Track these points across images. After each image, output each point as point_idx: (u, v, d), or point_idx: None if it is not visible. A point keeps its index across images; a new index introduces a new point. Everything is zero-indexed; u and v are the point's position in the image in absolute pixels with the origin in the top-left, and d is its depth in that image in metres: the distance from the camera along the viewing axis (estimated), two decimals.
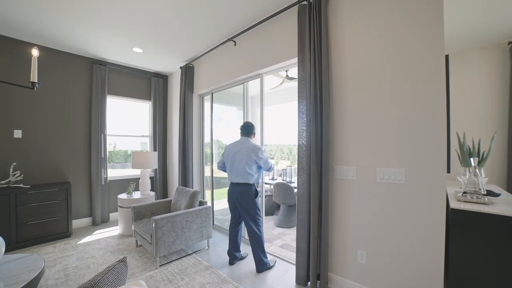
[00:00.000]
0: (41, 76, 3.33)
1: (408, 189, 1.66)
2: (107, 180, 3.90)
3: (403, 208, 1.68)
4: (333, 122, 2.07)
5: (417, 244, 1.61)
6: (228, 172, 2.49)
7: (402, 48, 1.68)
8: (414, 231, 1.63)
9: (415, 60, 1.62)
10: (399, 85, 1.70)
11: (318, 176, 2.05)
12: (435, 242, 1.53)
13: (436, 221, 1.53)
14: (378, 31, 1.79)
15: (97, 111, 3.75)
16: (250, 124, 2.56)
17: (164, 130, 4.65)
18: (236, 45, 3.03)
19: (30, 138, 3.29)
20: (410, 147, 1.65)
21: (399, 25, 1.68)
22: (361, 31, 1.89)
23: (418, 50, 1.60)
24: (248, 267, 2.46)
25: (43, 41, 3.22)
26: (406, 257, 1.66)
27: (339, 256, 2.04)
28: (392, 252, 1.73)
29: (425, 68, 1.57)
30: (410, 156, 1.65)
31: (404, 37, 1.66)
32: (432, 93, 1.55)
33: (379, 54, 1.79)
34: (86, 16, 2.59)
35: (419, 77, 1.60)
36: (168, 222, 2.42)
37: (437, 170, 1.53)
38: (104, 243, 3.02)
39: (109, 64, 3.91)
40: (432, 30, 1.54)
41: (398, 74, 1.70)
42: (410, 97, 1.65)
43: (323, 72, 2.02)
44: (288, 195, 3.76)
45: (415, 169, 1.63)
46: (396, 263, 1.71)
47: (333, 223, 2.08)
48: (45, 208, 3.04)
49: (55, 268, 2.41)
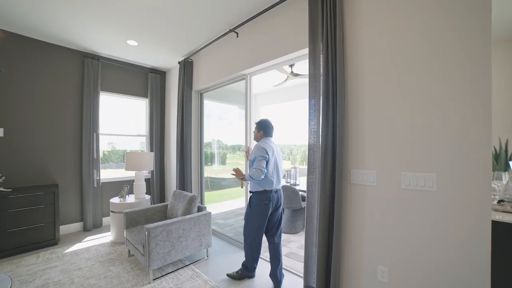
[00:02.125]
0: (26, 70, 3.09)
1: (440, 198, 1.42)
2: (100, 182, 3.65)
3: (435, 219, 1.44)
4: (348, 120, 1.83)
5: (453, 263, 1.37)
6: (271, 177, 2.13)
7: (437, 36, 1.43)
8: (449, 248, 1.38)
9: (456, 50, 1.37)
10: (429, 78, 1.45)
11: (331, 179, 1.81)
12: (476, 261, 1.29)
13: (478, 236, 1.29)
14: (406, 15, 1.55)
15: (89, 108, 3.50)
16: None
17: (161, 129, 4.40)
18: (239, 36, 2.79)
19: (13, 137, 3.02)
20: (444, 149, 1.41)
21: (435, 10, 1.44)
22: (384, 16, 1.65)
23: (459, 39, 1.35)
24: (253, 281, 2.22)
25: (26, 30, 2.95)
26: (440, 277, 1.42)
27: (354, 271, 1.80)
28: (422, 271, 1.49)
29: (468, 61, 1.32)
30: (444, 160, 1.41)
31: (441, 23, 1.42)
32: (475, 88, 1.30)
33: (407, 42, 1.55)
34: (73, 1, 2.34)
35: (460, 69, 1.36)
36: (163, 231, 2.18)
37: (478, 176, 1.29)
38: (94, 252, 2.76)
39: (102, 59, 3.66)
40: (477, 16, 1.29)
41: (430, 64, 1.46)
42: (445, 91, 1.40)
43: (337, 64, 1.78)
44: (293, 199, 3.52)
45: (450, 174, 1.39)
46: (426, 283, 1.47)
47: (347, 233, 1.84)
48: (29, 214, 2.76)
49: (34, 283, 2.12)
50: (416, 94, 1.51)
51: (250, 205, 2.18)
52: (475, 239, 1.30)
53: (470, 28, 1.31)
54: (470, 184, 1.32)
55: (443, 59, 1.40)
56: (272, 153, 2.14)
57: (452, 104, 1.38)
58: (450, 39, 1.38)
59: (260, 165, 2.03)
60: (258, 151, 2.10)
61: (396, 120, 1.60)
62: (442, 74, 1.41)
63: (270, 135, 2.29)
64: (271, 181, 2.12)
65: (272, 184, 2.13)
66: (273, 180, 2.13)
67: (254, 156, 2.11)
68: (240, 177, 2.23)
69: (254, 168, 2.04)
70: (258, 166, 2.03)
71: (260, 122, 2.30)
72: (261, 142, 2.20)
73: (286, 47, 2.29)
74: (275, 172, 2.16)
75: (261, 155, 2.07)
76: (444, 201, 1.41)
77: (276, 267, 2.17)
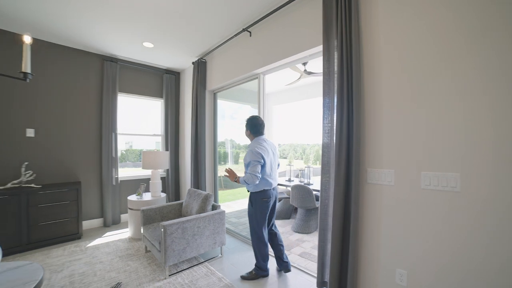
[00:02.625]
0: (52, 74, 3.27)
1: (465, 199, 1.35)
2: (118, 180, 3.79)
3: (460, 222, 1.37)
4: (364, 118, 1.78)
5: (480, 269, 1.30)
6: (269, 177, 2.17)
7: (468, 25, 1.36)
8: (476, 253, 1.31)
9: (487, 41, 1.30)
10: (455, 71, 1.38)
11: (346, 179, 1.77)
12: (509, 269, 1.22)
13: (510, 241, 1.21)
14: (430, 3, 1.48)
15: (108, 109, 3.65)
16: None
17: (176, 129, 4.50)
18: (252, 35, 2.79)
19: (42, 137, 3.22)
20: (469, 146, 1.33)
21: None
22: (403, 7, 1.58)
23: (494, 28, 1.28)
24: (267, 280, 2.22)
25: (55, 38, 3.14)
26: (466, 286, 1.35)
27: (371, 272, 1.75)
28: (445, 275, 1.43)
29: (499, 51, 1.24)
30: (468, 158, 1.33)
31: (473, 11, 1.35)
32: (505, 81, 1.22)
33: (431, 32, 1.48)
34: (95, 8, 2.44)
35: (491, 62, 1.28)
36: (178, 229, 2.23)
37: (508, 176, 1.21)
38: (113, 247, 2.88)
39: (120, 61, 3.80)
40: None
41: (457, 57, 1.39)
42: (473, 85, 1.33)
43: (353, 61, 1.73)
44: (306, 198, 3.48)
45: (475, 174, 1.31)
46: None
47: (364, 234, 1.79)
48: (56, 209, 2.95)
49: (62, 273, 2.28)
50: (440, 89, 1.44)
51: (252, 203, 2.21)
52: (509, 245, 1.22)
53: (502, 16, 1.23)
54: (498, 185, 1.24)
55: (472, 51, 1.33)
56: (267, 156, 2.14)
57: (480, 98, 1.30)
58: (483, 30, 1.30)
59: (254, 170, 2.02)
60: (253, 156, 2.06)
61: (416, 117, 1.53)
62: (470, 67, 1.33)
63: (260, 133, 2.26)
64: (269, 182, 2.15)
65: (270, 184, 2.17)
66: (270, 181, 2.17)
67: (249, 160, 2.07)
68: (234, 180, 2.18)
69: (248, 173, 2.02)
70: (253, 172, 2.01)
71: (247, 121, 2.28)
72: (255, 144, 2.16)
73: (299, 45, 2.27)
74: (272, 172, 2.20)
75: (256, 160, 2.05)
76: (469, 202, 1.34)
77: (281, 253, 2.31)
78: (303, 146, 8.49)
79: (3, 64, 2.85)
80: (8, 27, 2.87)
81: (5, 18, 2.66)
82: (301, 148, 8.59)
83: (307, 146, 8.21)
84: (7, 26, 2.83)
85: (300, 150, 8.62)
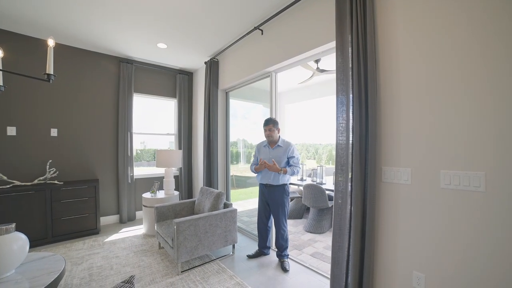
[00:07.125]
0: (72, 76, 3.43)
1: (490, 200, 1.27)
2: (133, 178, 3.91)
3: (484, 224, 1.29)
4: (380, 115, 1.72)
5: (507, 275, 1.22)
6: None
7: (491, 18, 1.28)
8: (504, 259, 1.23)
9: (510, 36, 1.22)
10: (479, 65, 1.30)
11: (362, 178, 1.71)
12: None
13: None
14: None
15: (124, 109, 3.77)
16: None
17: (189, 128, 4.58)
18: (264, 33, 2.78)
19: (64, 136, 3.39)
20: (496, 144, 1.25)
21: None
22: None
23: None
24: (277, 276, 2.20)
25: (77, 42, 3.29)
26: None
27: (386, 274, 1.69)
28: (466, 281, 1.34)
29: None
30: (496, 156, 1.25)
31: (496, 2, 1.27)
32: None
33: (452, 24, 1.41)
34: (113, 11, 2.52)
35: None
36: (191, 226, 2.26)
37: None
38: (129, 243, 2.97)
39: (135, 62, 3.92)
40: None
41: (480, 50, 1.31)
42: (500, 80, 1.25)
43: (368, 56, 1.68)
44: (319, 198, 3.42)
45: (504, 173, 1.23)
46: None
47: (379, 235, 1.73)
48: (76, 205, 3.10)
49: (82, 266, 2.39)
50: (462, 84, 1.36)
51: (286, 193, 2.45)
52: None
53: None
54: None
55: (500, 39, 1.25)
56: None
57: (506, 92, 1.22)
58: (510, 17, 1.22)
59: (298, 164, 2.41)
60: (297, 152, 2.42)
61: (435, 112, 1.46)
62: (495, 61, 1.25)
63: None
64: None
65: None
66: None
67: (295, 155, 2.39)
68: (279, 170, 2.34)
69: (298, 167, 2.38)
70: (299, 165, 2.40)
71: (274, 120, 2.47)
72: (289, 142, 2.46)
73: (311, 42, 2.23)
74: None
75: (298, 156, 2.42)
76: (495, 203, 1.25)
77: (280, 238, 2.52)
78: (316, 146, 8.39)
79: (28, 68, 3.02)
80: (34, 33, 3.04)
81: (33, 25, 2.82)
82: (314, 148, 8.48)
83: (319, 146, 8.10)
84: (33, 32, 3.00)
85: (313, 150, 8.52)
